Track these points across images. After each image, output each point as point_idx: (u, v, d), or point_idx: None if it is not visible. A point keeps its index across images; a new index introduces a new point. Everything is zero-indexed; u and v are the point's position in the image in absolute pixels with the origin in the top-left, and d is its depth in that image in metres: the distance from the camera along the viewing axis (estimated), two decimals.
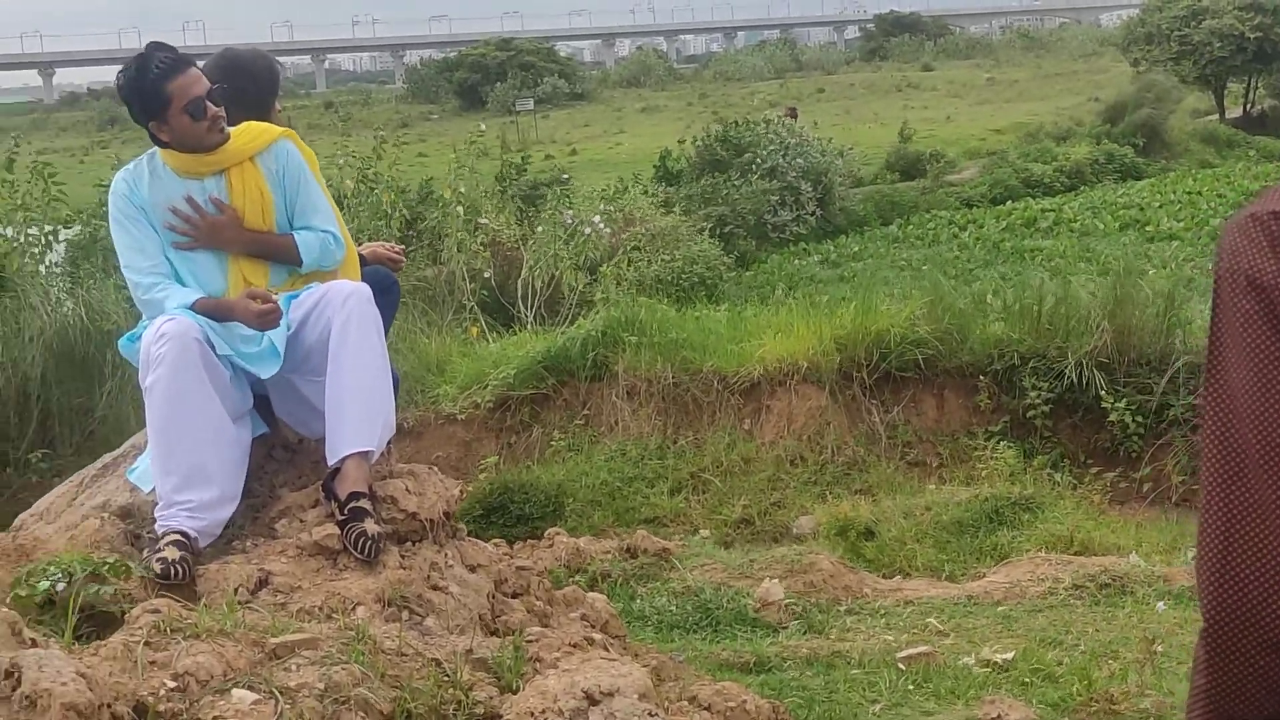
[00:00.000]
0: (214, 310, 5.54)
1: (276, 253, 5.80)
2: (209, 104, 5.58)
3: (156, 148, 5.76)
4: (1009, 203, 31.47)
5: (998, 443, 12.39)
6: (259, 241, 5.75)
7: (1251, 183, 30.67)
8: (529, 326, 17.21)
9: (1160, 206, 28.78)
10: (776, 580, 7.79)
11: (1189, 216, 27.14)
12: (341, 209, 17.08)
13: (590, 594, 6.28)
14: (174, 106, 5.56)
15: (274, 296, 5.51)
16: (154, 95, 5.58)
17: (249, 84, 6.04)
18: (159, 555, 5.02)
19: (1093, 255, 22.54)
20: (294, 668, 4.06)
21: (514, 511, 12.06)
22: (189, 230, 5.63)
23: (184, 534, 5.13)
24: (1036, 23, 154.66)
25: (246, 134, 5.80)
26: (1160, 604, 7.46)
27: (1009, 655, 6.67)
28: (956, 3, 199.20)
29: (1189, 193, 30.69)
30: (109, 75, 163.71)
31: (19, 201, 14.92)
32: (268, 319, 5.46)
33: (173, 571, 4.93)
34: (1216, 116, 44.82)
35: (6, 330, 13.37)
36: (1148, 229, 26.01)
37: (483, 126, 25.94)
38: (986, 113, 54.63)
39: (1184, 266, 20.90)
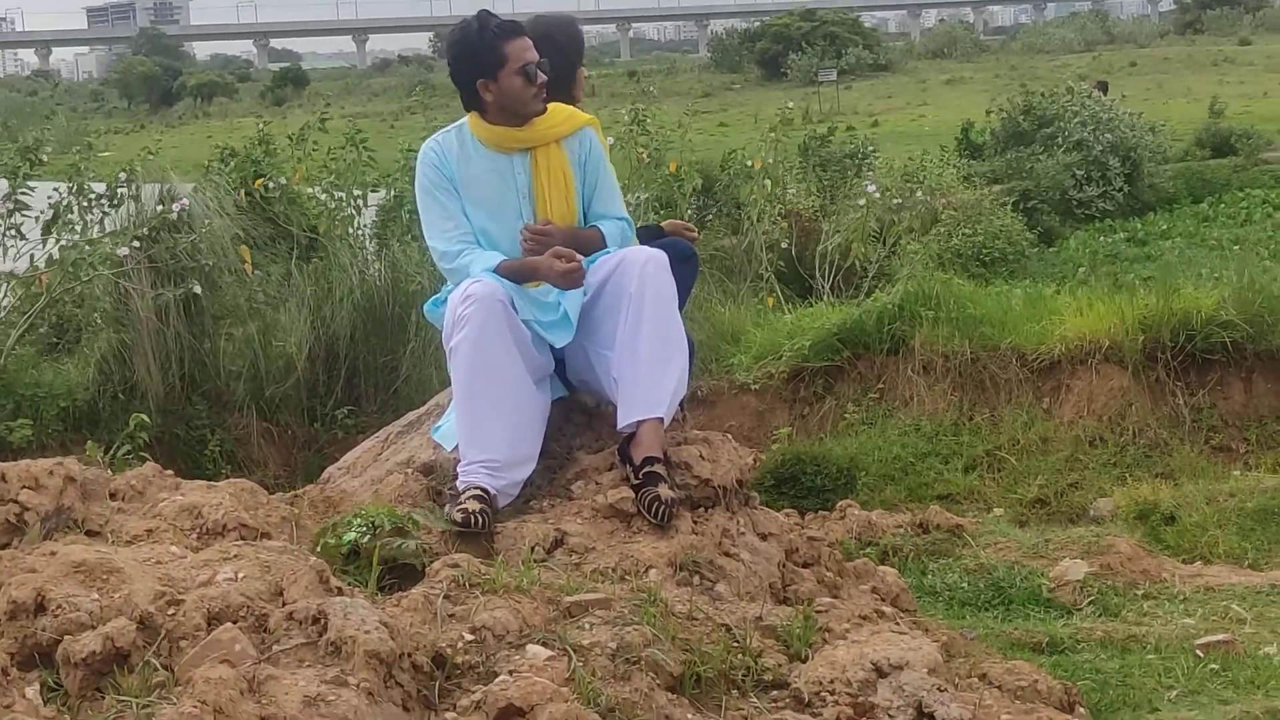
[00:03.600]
0: (518, 270, 5.65)
1: (588, 245, 5.88)
2: (539, 71, 5.72)
3: (465, 120, 5.90)
4: None
5: None
6: (574, 239, 5.84)
7: None
8: (825, 298, 17.16)
9: None
10: (1077, 560, 7.68)
11: None
12: (638, 177, 17.38)
13: (881, 567, 6.26)
14: (509, 66, 5.73)
15: (577, 256, 5.59)
16: (491, 51, 5.75)
17: (557, 55, 6.11)
18: (460, 506, 5.15)
19: None
20: (587, 626, 4.14)
21: (805, 483, 12.04)
22: (528, 243, 5.74)
23: (484, 490, 5.25)
24: None
25: (555, 116, 5.93)
26: None
27: None
28: None
29: None
30: (420, 42, 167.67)
31: (331, 165, 15.35)
32: (572, 277, 5.54)
33: (474, 521, 5.06)
34: None
35: (318, 290, 13.77)
36: None
37: (790, 104, 25.99)
38: None
39: None
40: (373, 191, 15.39)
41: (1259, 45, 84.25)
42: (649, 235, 6.49)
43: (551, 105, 5.93)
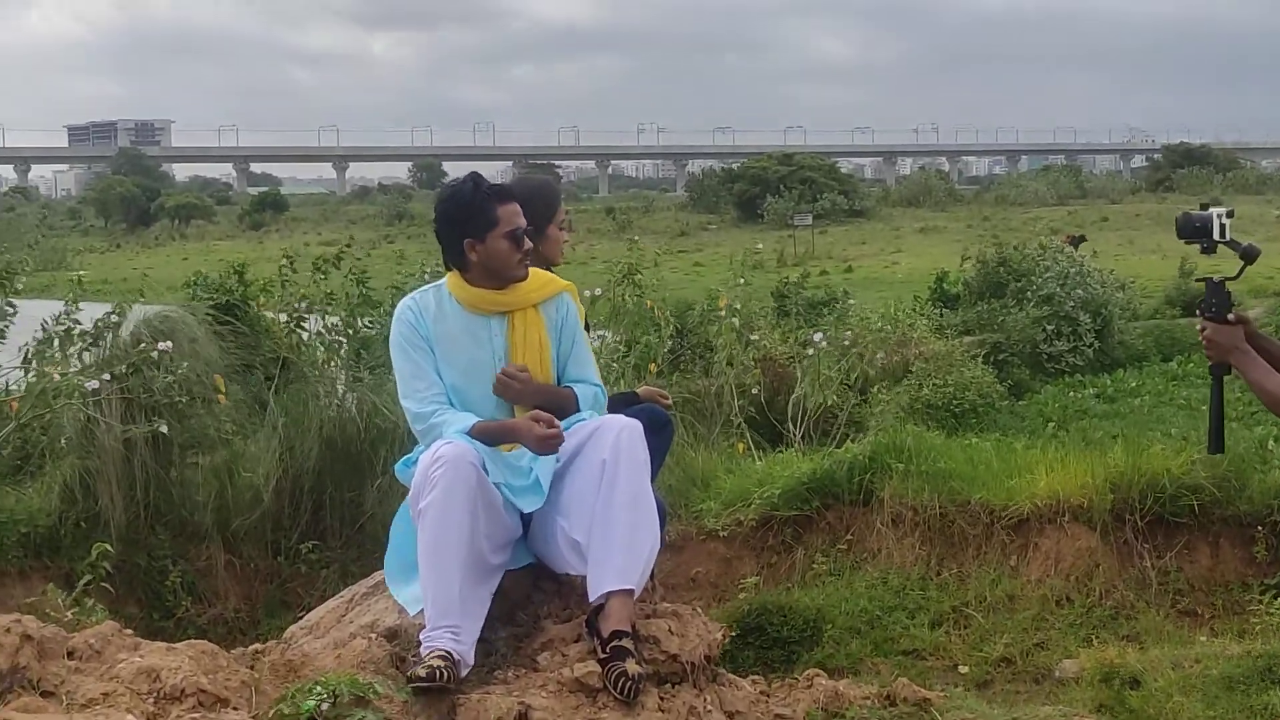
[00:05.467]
0: (495, 432, 5.65)
1: (563, 405, 5.88)
2: (525, 238, 5.75)
3: (446, 279, 5.91)
4: None
5: (1274, 597, 11.99)
6: (548, 394, 5.85)
7: None
8: (796, 446, 17.15)
9: None
10: None
11: None
12: (617, 319, 17.48)
13: None
14: (498, 229, 5.80)
15: (557, 422, 5.57)
16: (482, 213, 5.81)
17: (532, 218, 6.12)
18: (424, 663, 5.09)
19: None
20: None
21: (771, 634, 12.00)
22: (500, 386, 5.72)
23: (447, 653, 5.19)
24: None
25: (534, 281, 5.98)
26: None
27: None
28: (1249, 135, 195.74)
29: None
30: (400, 171, 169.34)
31: (326, 292, 15.43)
32: (549, 443, 5.52)
33: (439, 674, 5.01)
34: None
35: (288, 422, 13.73)
36: None
37: (759, 246, 26.23)
38: (1276, 249, 53.30)
39: None
40: (367, 326, 15.40)
41: (1231, 204, 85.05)
42: (624, 402, 6.48)
43: (533, 270, 5.94)
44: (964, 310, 28.82)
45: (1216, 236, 6.00)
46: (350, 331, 15.14)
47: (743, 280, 20.40)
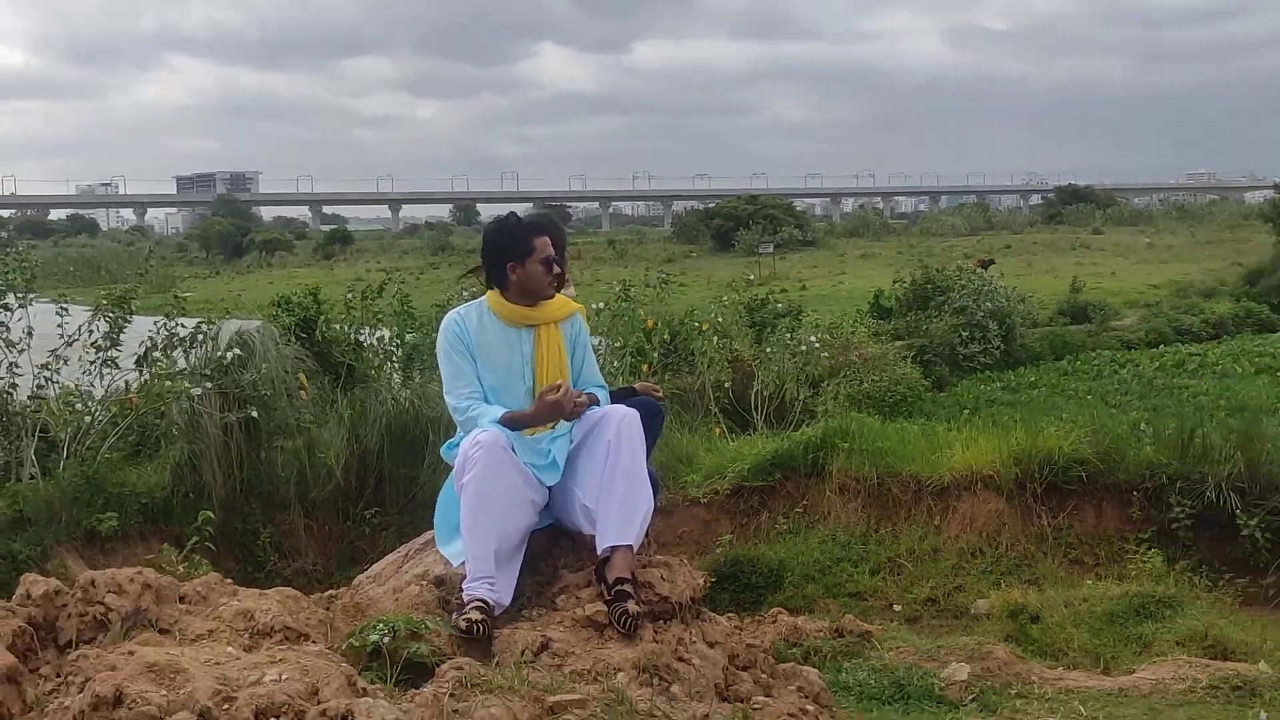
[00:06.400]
0: (518, 419, 5.68)
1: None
2: (555, 264, 5.80)
3: (486, 297, 5.95)
4: (1161, 346, 30.57)
5: (1146, 548, 12.04)
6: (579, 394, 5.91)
7: None
8: (761, 430, 17.17)
9: None
10: (963, 663, 7.58)
11: None
12: (612, 331, 17.53)
13: (805, 668, 6.16)
14: (535, 255, 5.86)
15: (560, 382, 5.67)
16: (524, 241, 5.88)
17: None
18: (465, 616, 5.11)
19: (1231, 395, 21.73)
20: None
21: (743, 580, 12.03)
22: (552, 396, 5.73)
23: (485, 602, 5.21)
24: (1190, 198, 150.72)
25: (557, 304, 6.04)
26: (1263, 714, 7.04)
27: None
28: (1123, 178, 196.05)
29: None
30: (441, 211, 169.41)
31: (376, 316, 15.57)
32: (561, 405, 5.60)
33: (475, 629, 5.03)
34: None
35: (354, 414, 13.78)
36: (1279, 375, 25.05)
37: (751, 277, 26.30)
38: (1145, 271, 53.31)
39: None
40: (410, 334, 15.52)
41: (1109, 235, 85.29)
42: (623, 395, 6.48)
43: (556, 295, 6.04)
44: (896, 320, 28.74)
45: None
46: (400, 341, 15.29)
47: (723, 301, 20.54)
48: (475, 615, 5.10)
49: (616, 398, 6.26)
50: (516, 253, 5.86)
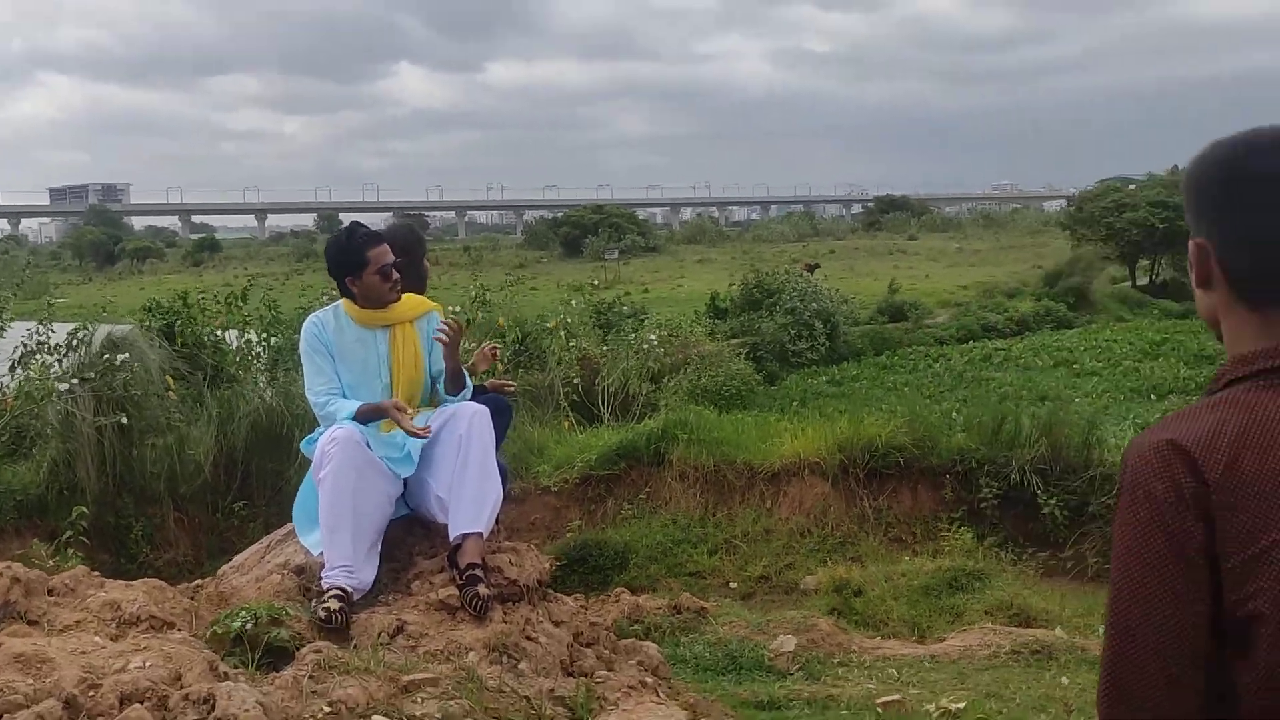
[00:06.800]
0: (371, 411, 5.63)
1: (457, 379, 5.97)
2: (393, 271, 5.71)
3: (341, 301, 5.88)
4: (970, 342, 31.22)
5: (958, 526, 12.25)
6: (459, 374, 6.00)
7: (1155, 335, 30.33)
8: (607, 422, 17.16)
9: (1085, 350, 28.45)
10: (790, 635, 7.65)
11: (1107, 359, 26.82)
12: (468, 332, 17.41)
13: (645, 642, 6.18)
14: (370, 268, 5.76)
15: (409, 410, 5.61)
16: (358, 255, 5.77)
17: (405, 254, 6.08)
18: (324, 605, 5.05)
19: (1033, 385, 22.31)
20: (420, 700, 4.01)
21: (591, 563, 12.03)
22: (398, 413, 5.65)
23: (343, 589, 5.14)
24: (996, 207, 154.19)
25: (410, 303, 5.98)
26: (1064, 679, 7.23)
27: (960, 705, 6.50)
28: (936, 189, 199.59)
29: (1107, 340, 30.34)
30: (306, 220, 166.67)
31: (244, 318, 15.31)
32: (401, 421, 5.54)
33: (334, 619, 4.95)
34: (1129, 283, 44.43)
35: (223, 412, 13.53)
36: (1075, 367, 25.69)
37: (595, 282, 26.26)
38: (955, 274, 54.35)
39: (1102, 397, 20.59)
40: (273, 336, 15.28)
41: (923, 241, 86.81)
42: (475, 391, 6.43)
43: (406, 294, 5.93)
44: (731, 320, 28.93)
45: None
46: (266, 343, 15.05)
47: (572, 302, 20.51)
48: (333, 605, 5.04)
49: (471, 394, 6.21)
50: (352, 266, 5.79)
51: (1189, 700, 1.78)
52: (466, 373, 6.12)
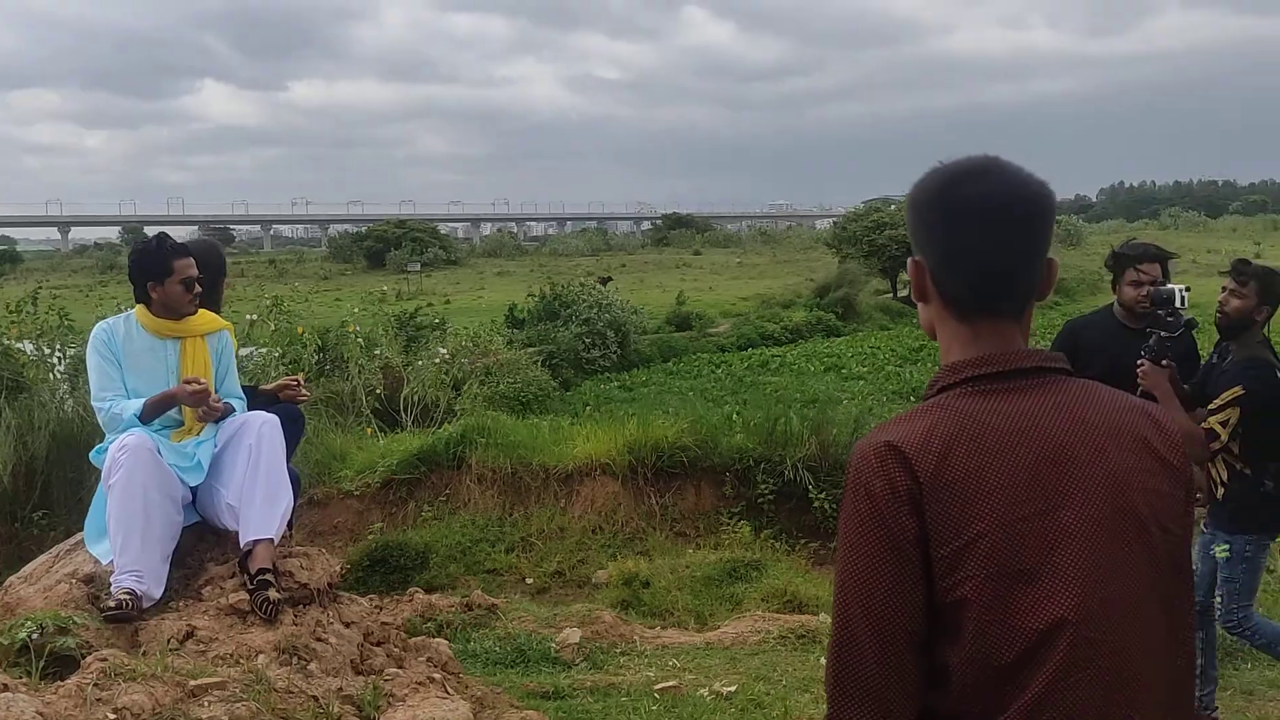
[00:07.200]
0: (159, 402, 5.44)
1: (227, 411, 5.70)
2: (195, 284, 5.53)
3: (135, 309, 5.65)
4: (749, 349, 31.78)
5: (737, 520, 12.38)
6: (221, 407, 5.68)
7: (913, 341, 31.29)
8: (409, 429, 16.92)
9: (852, 356, 29.21)
10: (575, 628, 7.60)
11: (871, 364, 27.58)
12: (271, 341, 16.97)
13: (436, 640, 6.05)
14: (175, 276, 5.58)
15: (203, 380, 5.46)
16: (164, 263, 5.59)
17: (206, 271, 5.87)
18: (115, 597, 4.83)
19: (805, 389, 22.77)
20: (207, 704, 3.83)
21: (392, 563, 11.79)
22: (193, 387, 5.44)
23: (132, 591, 4.92)
24: (772, 225, 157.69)
25: (203, 318, 5.81)
26: (824, 660, 7.36)
27: (732, 688, 6.55)
28: (718, 207, 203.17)
29: (871, 347, 31.23)
30: (111, 234, 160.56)
31: (38, 328, 14.59)
32: (199, 395, 5.38)
33: (125, 605, 4.78)
34: (891, 295, 45.79)
35: (21, 421, 12.88)
36: (843, 371, 26.35)
37: (385, 289, 25.88)
38: (736, 286, 55.26)
39: (867, 399, 21.16)
40: (71, 347, 14.60)
41: (706, 255, 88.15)
42: (266, 399, 6.21)
43: (201, 310, 5.73)
44: (528, 329, 28.89)
45: (1177, 304, 5.62)
46: (62, 353, 14.39)
47: (370, 312, 20.17)
48: (124, 596, 4.83)
49: (260, 403, 6.01)
50: (156, 273, 5.59)
51: (907, 680, 1.84)
52: (236, 399, 5.93)
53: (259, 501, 5.20)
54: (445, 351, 19.68)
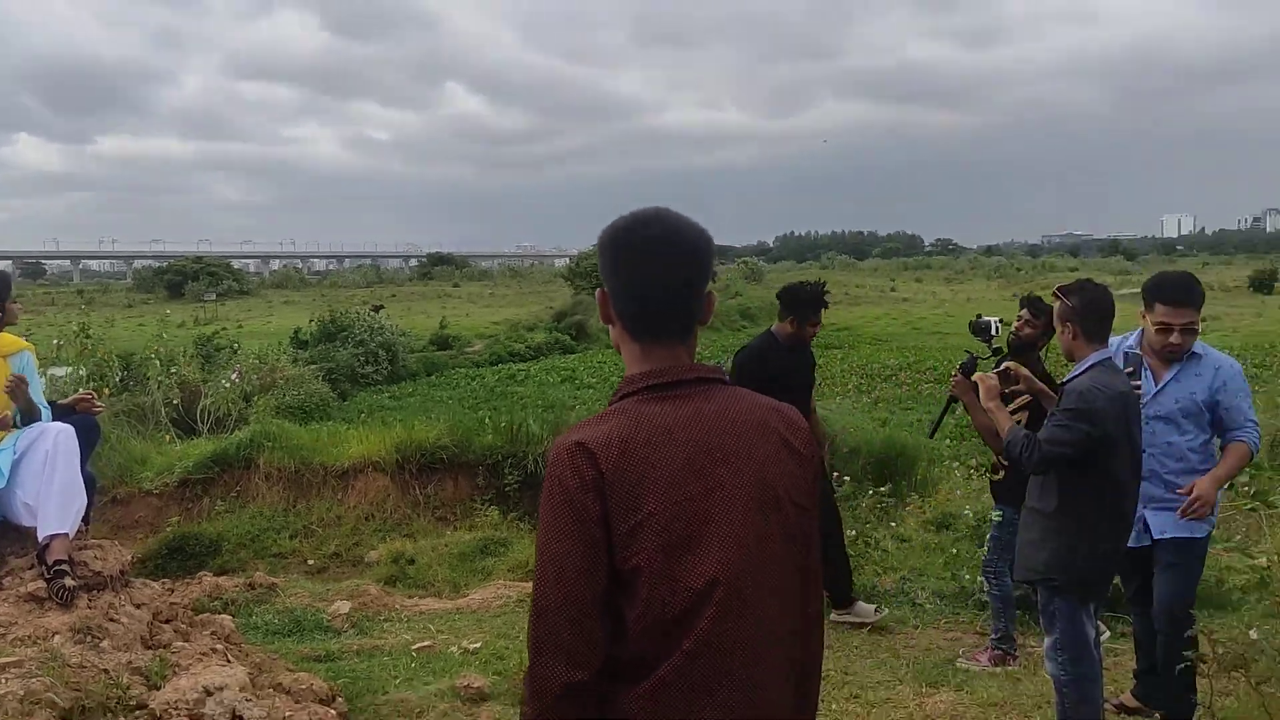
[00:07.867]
0: None
1: (31, 412, 5.33)
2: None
3: None
4: (500, 365, 31.75)
5: (488, 506, 12.33)
6: (33, 408, 5.29)
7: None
8: (205, 436, 16.17)
9: (584, 369, 29.50)
10: (346, 600, 7.40)
11: (599, 375, 27.93)
12: (76, 361, 15.96)
13: (220, 616, 5.78)
14: None
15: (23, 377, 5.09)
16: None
17: None
18: None
19: (545, 397, 22.88)
20: (4, 681, 3.54)
21: (189, 551, 11.24)
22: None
23: None
24: (520, 263, 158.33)
25: (4, 340, 5.39)
26: None
27: (478, 644, 6.52)
28: (475, 247, 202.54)
29: (599, 362, 31.59)
30: None
31: None
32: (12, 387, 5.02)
33: None
34: None
35: None
36: (576, 382, 26.60)
37: (169, 313, 24.67)
38: (489, 313, 55.19)
39: (596, 405, 21.40)
40: None
41: (465, 288, 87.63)
42: (64, 410, 5.81)
43: (3, 334, 5.36)
44: (311, 349, 28.06)
45: (993, 333, 5.75)
46: None
47: (164, 335, 19.27)
48: None
49: (60, 413, 5.62)
50: None
51: (593, 637, 1.87)
52: (41, 407, 5.54)
53: (55, 501, 4.87)
54: (240, 368, 18.89)
